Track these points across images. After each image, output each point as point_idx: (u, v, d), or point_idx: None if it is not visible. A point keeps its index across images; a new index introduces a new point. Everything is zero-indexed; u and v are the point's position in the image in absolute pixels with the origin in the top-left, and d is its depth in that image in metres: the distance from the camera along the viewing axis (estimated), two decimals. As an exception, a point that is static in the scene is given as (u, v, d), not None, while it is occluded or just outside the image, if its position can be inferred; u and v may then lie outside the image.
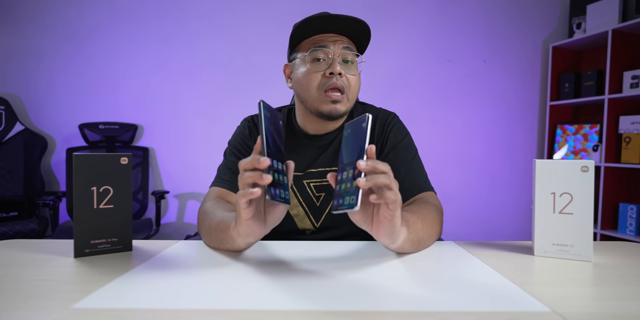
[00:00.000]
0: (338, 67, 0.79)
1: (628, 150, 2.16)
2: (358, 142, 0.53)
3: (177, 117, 2.56)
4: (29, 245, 0.72)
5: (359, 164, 0.50)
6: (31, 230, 2.04)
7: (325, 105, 0.81)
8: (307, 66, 0.82)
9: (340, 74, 0.80)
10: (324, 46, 0.81)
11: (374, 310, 0.44)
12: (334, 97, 0.81)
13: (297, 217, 0.91)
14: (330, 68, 0.80)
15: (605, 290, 0.52)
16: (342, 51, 0.82)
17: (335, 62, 0.80)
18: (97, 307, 0.44)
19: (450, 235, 2.53)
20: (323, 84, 0.81)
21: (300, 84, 0.84)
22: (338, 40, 0.82)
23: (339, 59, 0.81)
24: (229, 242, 0.64)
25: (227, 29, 2.54)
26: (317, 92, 0.81)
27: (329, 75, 0.80)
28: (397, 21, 2.55)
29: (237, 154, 0.89)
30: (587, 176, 0.63)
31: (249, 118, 0.95)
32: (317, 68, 0.81)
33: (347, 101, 0.83)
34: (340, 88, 0.81)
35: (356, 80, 0.84)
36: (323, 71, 0.81)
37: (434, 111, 2.60)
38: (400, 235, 0.58)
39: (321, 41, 0.82)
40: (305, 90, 0.83)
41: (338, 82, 0.80)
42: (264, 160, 0.50)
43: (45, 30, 2.49)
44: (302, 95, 0.85)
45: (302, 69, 0.83)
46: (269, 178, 0.50)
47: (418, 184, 0.84)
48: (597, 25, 2.31)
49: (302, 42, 0.85)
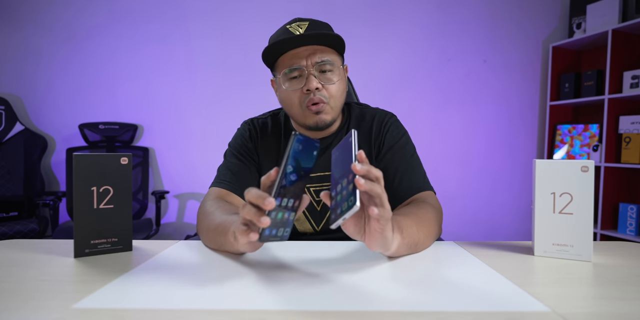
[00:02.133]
0: (314, 83, 0.80)
1: (628, 150, 2.16)
2: (347, 154, 0.52)
3: (177, 116, 2.56)
4: (29, 245, 0.72)
5: (355, 166, 0.49)
6: (31, 230, 2.04)
7: (310, 118, 0.83)
8: (286, 85, 0.83)
9: (317, 88, 0.80)
10: (297, 67, 0.81)
11: (374, 310, 0.44)
12: (315, 109, 0.81)
13: (297, 221, 0.91)
14: (306, 85, 0.80)
15: (605, 290, 0.52)
16: (317, 66, 0.81)
17: (310, 78, 0.80)
18: (97, 307, 0.44)
19: (450, 235, 2.53)
20: (303, 100, 0.82)
21: (284, 103, 0.86)
22: (311, 53, 0.81)
23: (316, 71, 0.81)
24: (228, 246, 0.64)
25: (225, 28, 2.53)
26: (300, 108, 0.83)
27: (306, 91, 0.81)
28: (397, 20, 2.55)
29: (237, 156, 0.90)
30: (587, 176, 0.63)
31: (249, 121, 0.96)
32: (294, 86, 0.82)
33: (332, 110, 0.84)
34: (319, 102, 0.81)
35: (337, 87, 0.84)
36: (300, 88, 0.82)
37: (434, 111, 2.60)
38: (393, 244, 0.58)
39: (294, 59, 0.81)
40: (290, 109, 0.85)
41: (316, 97, 0.81)
42: (269, 203, 0.47)
43: (45, 30, 2.49)
44: (289, 113, 0.87)
45: (283, 88, 0.84)
46: (267, 222, 0.48)
47: (416, 183, 0.84)
48: (597, 25, 2.31)
49: (278, 58, 0.84)
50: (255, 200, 0.49)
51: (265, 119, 0.96)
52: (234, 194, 0.84)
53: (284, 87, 0.83)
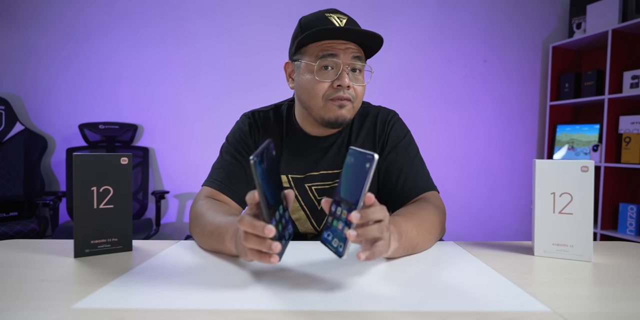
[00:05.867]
0: (347, 80, 0.76)
1: (628, 150, 2.16)
2: (359, 182, 0.48)
3: (177, 116, 2.56)
4: (29, 245, 0.72)
5: (351, 217, 0.47)
6: (31, 230, 2.03)
7: (332, 112, 0.78)
8: (314, 74, 0.78)
9: (349, 86, 0.77)
10: (334, 55, 0.76)
11: (374, 310, 0.44)
12: (340, 103, 0.78)
13: (298, 221, 0.90)
14: (338, 80, 0.77)
15: (605, 290, 0.52)
16: (352, 61, 0.78)
17: (344, 74, 0.76)
18: (97, 307, 0.44)
19: (450, 235, 2.52)
20: (329, 94, 0.78)
21: (304, 91, 0.80)
22: (348, 48, 0.78)
23: (348, 68, 0.78)
24: (226, 251, 0.64)
25: (226, 29, 2.53)
26: (323, 100, 0.78)
27: (337, 86, 0.77)
28: (397, 20, 2.55)
29: (233, 154, 0.86)
30: (587, 176, 0.63)
31: (249, 114, 0.91)
32: (324, 77, 0.78)
33: (353, 109, 0.81)
34: (347, 100, 0.78)
35: (362, 89, 0.81)
36: (331, 82, 0.78)
37: (434, 111, 2.60)
38: (390, 249, 0.58)
39: (330, 48, 0.77)
40: (311, 99, 0.80)
41: (345, 94, 0.77)
42: (269, 231, 0.46)
43: (45, 30, 2.49)
44: (305, 103, 0.82)
45: (308, 76, 0.79)
46: (278, 247, 0.47)
47: (420, 184, 0.84)
48: (597, 25, 2.31)
49: (309, 44, 0.79)
50: (254, 231, 0.48)
51: (267, 111, 0.92)
52: (225, 195, 0.82)
53: (313, 75, 0.78)
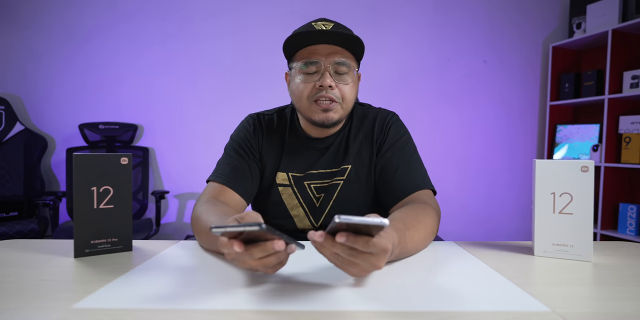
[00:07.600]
0: (328, 80, 0.80)
1: (628, 150, 2.16)
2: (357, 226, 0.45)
3: (177, 117, 2.56)
4: (29, 245, 0.72)
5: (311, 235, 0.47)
6: (31, 230, 2.03)
7: (317, 114, 0.83)
8: (301, 77, 0.83)
9: (330, 86, 0.80)
10: (315, 62, 0.81)
11: (374, 310, 0.44)
12: (324, 106, 0.81)
13: (297, 217, 0.91)
14: (320, 81, 0.81)
15: (605, 290, 0.52)
16: (335, 66, 0.81)
17: (325, 75, 0.80)
18: (97, 307, 0.44)
19: (450, 235, 2.53)
20: (313, 95, 0.82)
21: (293, 94, 0.86)
22: (332, 51, 0.81)
23: (332, 70, 0.81)
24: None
25: (228, 31, 2.53)
26: (308, 102, 0.83)
27: (319, 87, 0.81)
28: (396, 21, 2.55)
29: (238, 150, 0.90)
30: (587, 176, 0.63)
31: (255, 115, 0.96)
32: (308, 79, 0.82)
33: (342, 109, 0.84)
34: (330, 99, 0.81)
35: (350, 88, 0.84)
36: (314, 83, 0.82)
37: (434, 111, 2.60)
38: None
39: (313, 54, 0.81)
40: (298, 101, 0.85)
41: (328, 94, 0.81)
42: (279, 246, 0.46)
43: (46, 30, 2.49)
44: (296, 105, 0.87)
45: (296, 80, 0.84)
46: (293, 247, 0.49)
47: (415, 182, 0.84)
48: (597, 25, 2.31)
49: (297, 51, 0.84)
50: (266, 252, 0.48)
51: (271, 115, 0.96)
52: (231, 190, 0.84)
53: (298, 79, 0.83)
